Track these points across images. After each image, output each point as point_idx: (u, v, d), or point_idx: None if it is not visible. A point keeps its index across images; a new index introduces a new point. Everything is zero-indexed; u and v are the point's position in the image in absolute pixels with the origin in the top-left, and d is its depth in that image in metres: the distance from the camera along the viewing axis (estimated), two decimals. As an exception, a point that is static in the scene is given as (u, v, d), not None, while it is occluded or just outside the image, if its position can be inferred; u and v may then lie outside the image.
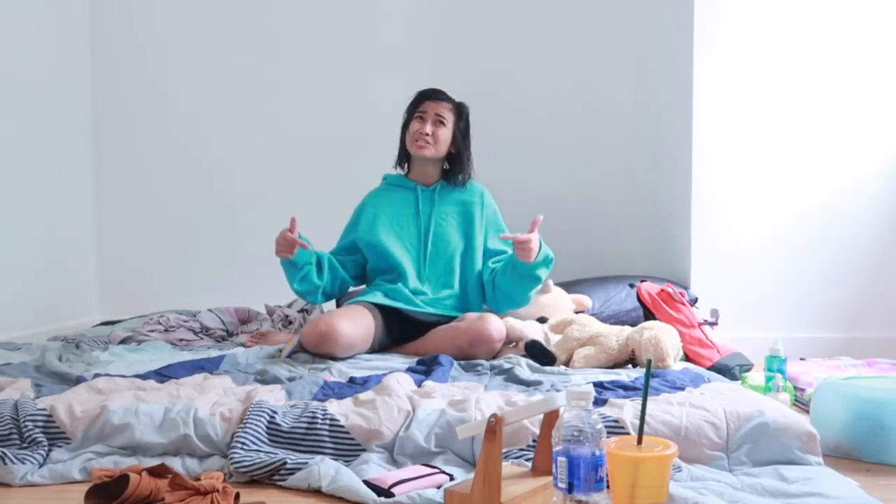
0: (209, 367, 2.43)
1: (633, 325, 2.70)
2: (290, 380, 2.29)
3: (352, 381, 2.27)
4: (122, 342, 2.93)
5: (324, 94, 3.88)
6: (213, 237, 3.95)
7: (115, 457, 1.84)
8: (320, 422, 1.88)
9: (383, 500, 1.60)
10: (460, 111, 2.93)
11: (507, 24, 3.81)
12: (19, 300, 3.34)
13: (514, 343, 2.70)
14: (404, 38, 3.87)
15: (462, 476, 1.70)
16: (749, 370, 2.72)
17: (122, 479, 1.57)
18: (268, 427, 1.87)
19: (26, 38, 3.45)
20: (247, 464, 1.76)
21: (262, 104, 3.92)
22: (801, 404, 2.46)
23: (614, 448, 1.44)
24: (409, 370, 2.39)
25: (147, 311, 3.47)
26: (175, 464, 1.79)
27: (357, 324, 2.65)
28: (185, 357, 2.62)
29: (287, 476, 1.74)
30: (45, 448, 1.86)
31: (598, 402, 1.95)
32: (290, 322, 3.20)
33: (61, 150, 3.74)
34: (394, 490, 1.62)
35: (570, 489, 1.40)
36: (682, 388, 2.11)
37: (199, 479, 1.61)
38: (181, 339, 3.00)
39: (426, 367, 2.42)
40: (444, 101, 2.92)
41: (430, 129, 2.85)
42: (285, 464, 1.75)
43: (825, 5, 3.23)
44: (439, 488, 1.64)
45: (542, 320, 2.84)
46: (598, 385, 2.15)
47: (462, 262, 2.89)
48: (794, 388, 2.53)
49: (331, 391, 2.13)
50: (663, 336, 2.49)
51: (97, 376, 2.25)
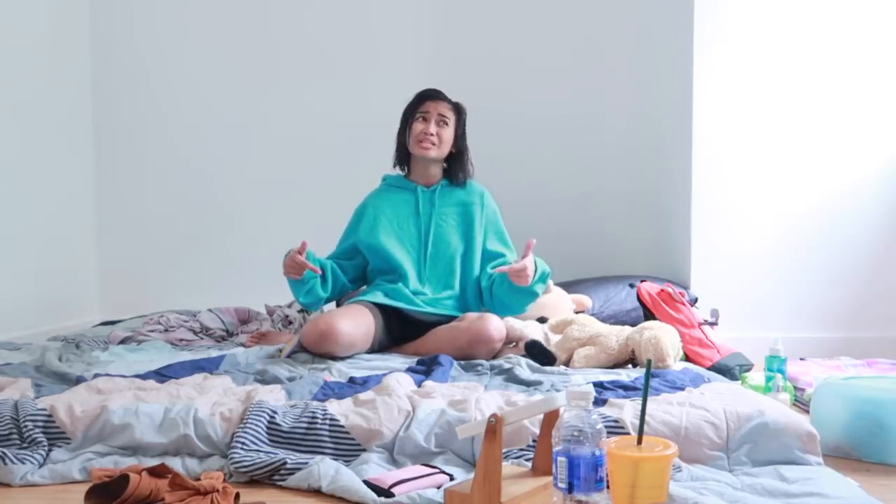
0: (209, 367, 2.43)
1: (633, 325, 2.70)
2: (290, 380, 2.29)
3: (352, 381, 2.27)
4: (122, 342, 2.93)
5: (322, 97, 3.88)
6: (213, 237, 3.95)
7: (115, 457, 1.84)
8: (320, 422, 1.88)
9: (383, 500, 1.60)
10: (459, 111, 2.93)
11: (506, 26, 3.81)
12: (19, 300, 3.34)
13: (514, 343, 2.70)
14: (402, 40, 3.87)
15: (462, 476, 1.70)
16: (749, 370, 2.72)
17: (122, 479, 1.57)
18: (268, 427, 1.87)
19: (28, 42, 3.45)
20: (247, 464, 1.76)
21: (261, 106, 3.92)
22: (801, 404, 2.46)
23: (614, 448, 1.44)
24: (409, 370, 2.39)
25: (147, 311, 3.47)
26: (175, 464, 1.79)
27: (357, 323, 2.65)
28: (185, 357, 2.62)
29: (287, 476, 1.74)
30: (45, 448, 1.86)
31: (598, 402, 1.95)
32: (290, 322, 3.20)
33: (62, 152, 3.74)
34: (394, 490, 1.62)
35: (570, 489, 1.40)
36: (682, 388, 2.11)
37: (199, 479, 1.61)
38: (181, 339, 3.00)
39: (426, 367, 2.42)
40: (445, 100, 2.92)
41: (434, 129, 2.85)
42: (285, 464, 1.75)
43: (825, 5, 3.24)
44: (439, 488, 1.64)
45: (542, 320, 2.84)
46: (598, 385, 2.14)
47: (462, 263, 2.89)
48: (794, 388, 2.53)
49: (331, 391, 2.13)
50: (663, 336, 2.49)
51: (97, 376, 2.25)
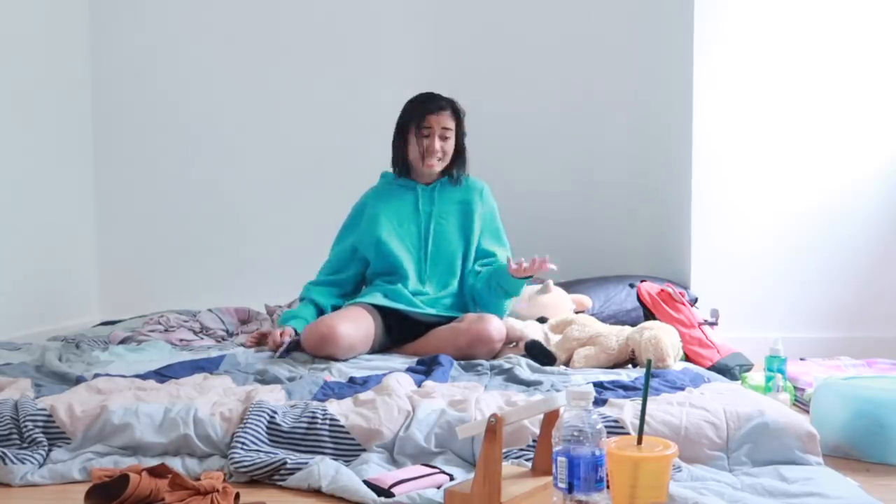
0: (209, 367, 2.43)
1: (633, 325, 2.70)
2: (290, 380, 2.29)
3: (352, 381, 2.27)
4: (122, 342, 2.92)
5: (323, 97, 3.88)
6: (213, 237, 3.95)
7: (115, 457, 1.84)
8: (320, 422, 1.88)
9: (383, 500, 1.60)
10: (459, 115, 2.88)
11: (505, 23, 3.81)
12: (19, 300, 3.34)
13: (514, 343, 2.70)
14: (402, 36, 3.87)
15: (462, 476, 1.70)
16: (749, 370, 2.72)
17: (122, 479, 1.57)
18: (268, 427, 1.87)
19: (27, 42, 3.45)
20: (247, 464, 1.76)
21: (261, 105, 3.92)
22: (801, 404, 2.46)
23: (614, 448, 1.44)
24: (409, 370, 2.39)
25: (147, 311, 3.46)
26: (175, 464, 1.79)
27: (357, 325, 2.65)
28: (185, 357, 2.62)
29: (287, 476, 1.74)
30: (45, 448, 1.86)
31: (598, 402, 1.95)
32: (290, 322, 3.20)
33: (62, 151, 3.74)
34: (394, 490, 1.62)
35: (570, 489, 1.40)
36: (682, 388, 2.11)
37: (199, 479, 1.61)
38: (181, 339, 2.99)
39: (426, 367, 2.42)
40: (445, 109, 2.86)
41: (438, 144, 2.82)
42: (285, 464, 1.75)
43: (825, 5, 3.23)
44: (439, 488, 1.64)
45: (542, 320, 2.84)
46: (598, 385, 2.14)
47: (463, 262, 2.89)
48: (794, 388, 2.53)
49: (331, 391, 2.13)
50: (663, 336, 2.49)
51: (97, 376, 2.25)
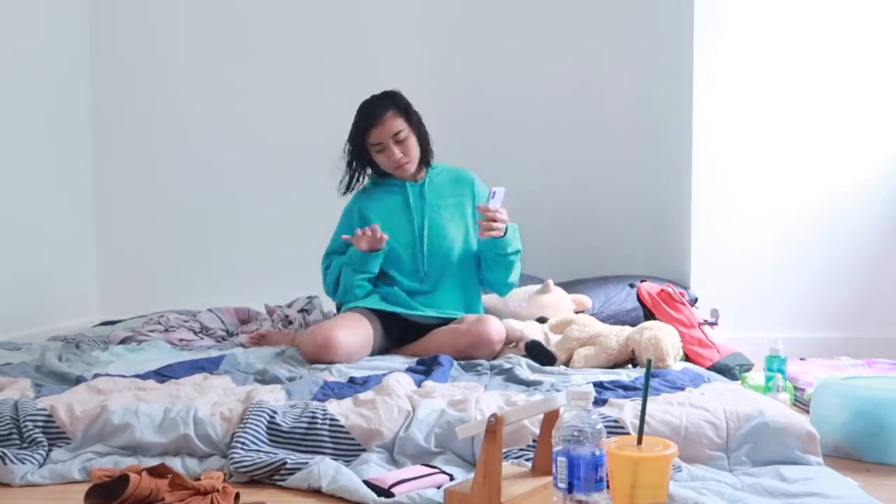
0: (209, 367, 2.43)
1: (633, 325, 2.70)
2: (290, 380, 2.29)
3: (352, 381, 2.27)
4: (122, 342, 2.93)
5: (323, 97, 3.88)
6: (213, 237, 3.95)
7: (115, 457, 1.84)
8: (320, 422, 1.88)
9: (383, 500, 1.60)
10: (407, 111, 2.79)
11: (506, 24, 3.81)
12: (19, 300, 3.34)
13: (514, 343, 2.70)
14: (403, 36, 3.87)
15: (462, 476, 1.70)
16: (749, 370, 2.72)
17: (122, 479, 1.57)
18: (268, 427, 1.87)
19: (27, 42, 3.45)
20: (247, 464, 1.76)
21: (261, 106, 3.92)
22: (801, 404, 2.46)
23: (614, 448, 1.44)
24: (409, 370, 2.39)
25: (147, 311, 3.47)
26: (175, 464, 1.79)
27: (355, 332, 2.63)
28: (185, 357, 2.62)
29: (287, 476, 1.74)
30: (45, 448, 1.86)
31: (598, 402, 1.95)
32: (290, 322, 3.20)
33: (61, 150, 3.74)
34: (394, 490, 1.62)
35: (570, 489, 1.40)
36: (682, 388, 2.10)
37: (199, 479, 1.61)
38: (181, 339, 2.99)
39: (426, 368, 2.42)
40: (383, 116, 2.75)
41: (398, 152, 2.76)
42: (285, 464, 1.75)
43: (825, 5, 3.23)
44: (439, 488, 1.64)
45: (541, 320, 2.84)
46: (598, 385, 2.14)
47: (461, 256, 2.86)
48: (794, 388, 2.53)
49: (331, 391, 2.13)
50: (663, 336, 2.49)
51: (97, 376, 2.25)
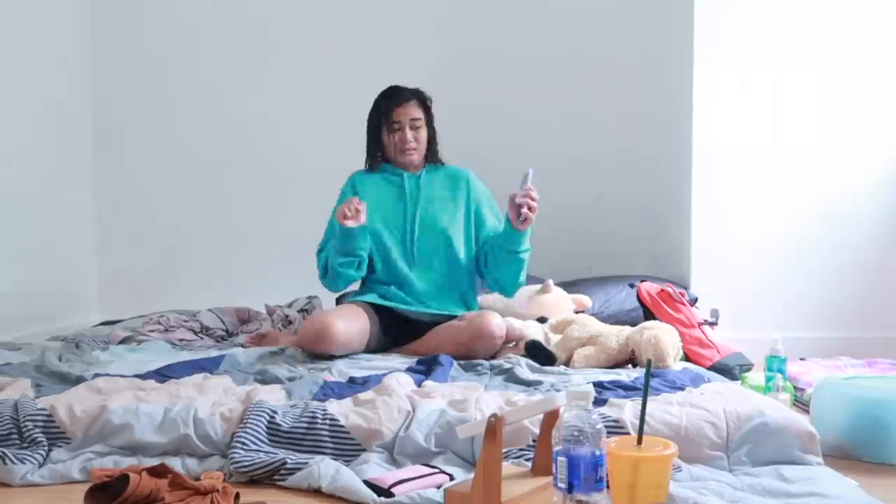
0: (209, 367, 2.43)
1: (633, 325, 2.70)
2: (290, 380, 2.29)
3: (351, 380, 2.27)
4: (122, 342, 2.93)
5: (324, 97, 3.88)
6: (213, 238, 3.94)
7: (115, 457, 1.84)
8: (320, 422, 1.88)
9: (383, 500, 1.60)
10: (426, 103, 2.90)
11: (506, 26, 3.81)
12: (19, 300, 3.34)
13: (515, 343, 2.70)
14: (403, 36, 3.87)
15: (462, 476, 1.71)
16: (749, 370, 2.72)
17: (122, 479, 1.57)
18: (268, 427, 1.87)
19: (28, 41, 3.45)
20: (247, 464, 1.76)
21: (261, 105, 3.92)
22: (801, 404, 2.46)
23: (614, 448, 1.44)
24: (409, 370, 2.39)
25: (147, 311, 3.46)
26: (175, 464, 1.79)
27: (352, 322, 2.65)
28: (186, 357, 2.62)
29: (287, 476, 1.74)
30: (45, 448, 1.86)
31: (598, 401, 1.95)
32: (290, 322, 3.19)
33: (61, 150, 3.74)
34: (394, 490, 1.62)
35: (570, 489, 1.40)
36: (682, 388, 2.10)
37: (199, 479, 1.61)
38: (181, 339, 2.99)
39: (426, 367, 2.42)
40: (410, 101, 2.87)
41: (410, 136, 2.84)
42: (285, 464, 1.75)
43: (826, 6, 3.23)
44: (439, 488, 1.64)
45: (542, 320, 2.84)
46: (598, 385, 2.14)
47: (453, 249, 2.85)
48: (794, 388, 2.53)
49: (331, 391, 2.13)
50: (663, 336, 2.49)
51: (97, 376, 2.25)
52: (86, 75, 3.90)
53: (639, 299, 3.11)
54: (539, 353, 2.56)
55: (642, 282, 3.17)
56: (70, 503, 1.65)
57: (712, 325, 2.91)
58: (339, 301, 3.17)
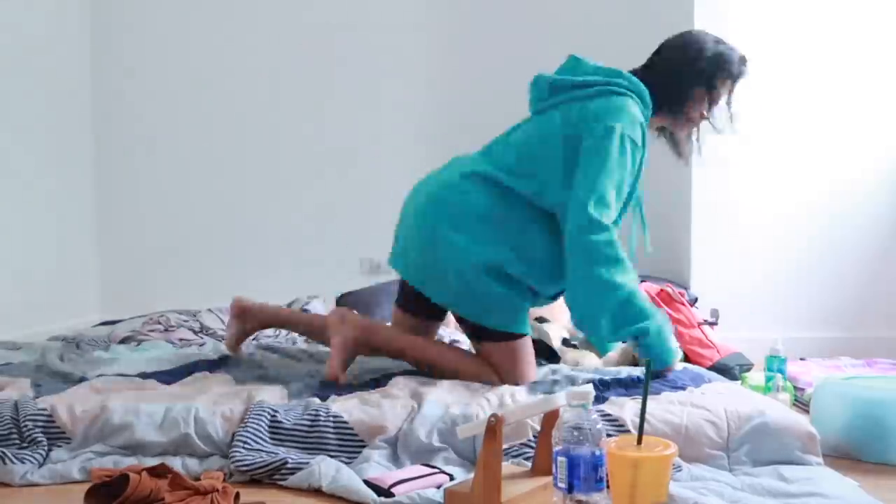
0: (210, 368, 2.41)
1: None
2: (292, 378, 2.27)
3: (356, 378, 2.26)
4: (122, 342, 2.92)
5: (324, 97, 3.88)
6: (213, 238, 3.94)
7: (115, 456, 1.84)
8: (323, 418, 1.88)
9: (383, 499, 1.60)
10: None
11: (506, 26, 3.81)
12: (20, 300, 3.34)
13: None
14: (405, 34, 3.87)
15: (462, 476, 1.70)
16: (749, 370, 2.72)
17: (122, 479, 1.57)
18: (270, 425, 1.87)
19: (28, 42, 3.45)
20: (247, 463, 1.76)
21: (262, 104, 3.92)
22: (801, 404, 2.46)
23: (614, 448, 1.44)
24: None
25: (147, 311, 3.46)
26: (175, 463, 1.79)
27: None
28: (186, 357, 2.59)
29: (288, 476, 1.74)
30: (45, 448, 1.86)
31: (599, 399, 1.95)
32: (290, 322, 3.18)
33: (61, 150, 3.73)
34: (394, 490, 1.62)
35: (570, 489, 1.40)
36: (682, 388, 2.10)
37: (199, 479, 1.61)
38: (181, 339, 2.99)
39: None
40: None
41: None
42: (286, 463, 1.75)
43: (826, 4, 3.24)
44: (439, 488, 1.64)
45: (540, 320, 2.83)
46: (599, 383, 2.14)
47: None
48: (794, 388, 2.53)
49: (333, 389, 2.12)
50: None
51: (100, 377, 2.24)
52: (86, 76, 3.90)
53: (639, 300, 3.09)
54: (543, 350, 2.55)
55: (642, 282, 3.16)
56: (70, 503, 1.65)
57: (712, 324, 2.91)
58: (340, 302, 3.16)
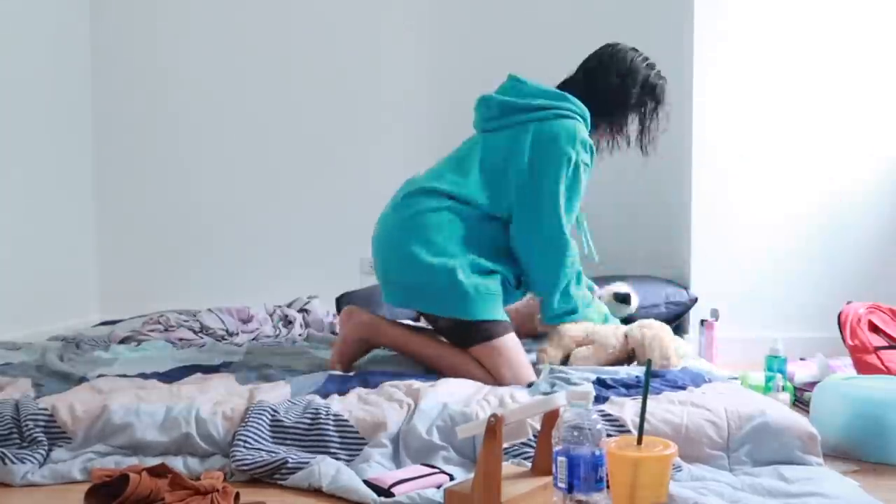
0: (213, 370, 2.39)
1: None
2: (294, 376, 2.26)
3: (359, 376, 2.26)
4: (122, 342, 2.92)
5: (324, 96, 3.88)
6: (213, 238, 3.94)
7: (115, 456, 1.84)
8: (324, 417, 1.88)
9: (383, 499, 1.60)
10: None
11: (506, 26, 3.81)
12: (19, 300, 3.34)
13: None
14: (403, 33, 3.86)
15: (462, 476, 1.71)
16: None
17: (122, 479, 1.57)
18: (271, 423, 1.87)
19: (28, 41, 3.45)
20: (248, 462, 1.76)
21: (262, 105, 3.92)
22: (801, 404, 2.46)
23: (614, 448, 1.44)
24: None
25: (147, 311, 3.46)
26: (176, 463, 1.79)
27: None
28: (187, 358, 2.59)
29: (288, 475, 1.74)
30: (46, 448, 1.85)
31: (599, 399, 1.95)
32: (290, 322, 3.20)
33: (61, 150, 3.73)
34: (393, 490, 1.62)
35: (570, 489, 1.40)
36: (683, 388, 2.10)
37: (199, 479, 1.61)
38: (181, 339, 2.99)
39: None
40: None
41: None
42: (286, 463, 1.75)
43: (826, 5, 3.23)
44: (439, 488, 1.64)
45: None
46: (599, 383, 2.14)
47: None
48: (794, 388, 2.53)
49: (334, 387, 2.12)
50: (666, 335, 2.43)
51: (101, 377, 2.24)
52: (86, 75, 3.90)
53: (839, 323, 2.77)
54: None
55: (848, 303, 2.81)
56: (70, 503, 1.65)
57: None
58: (340, 302, 3.16)
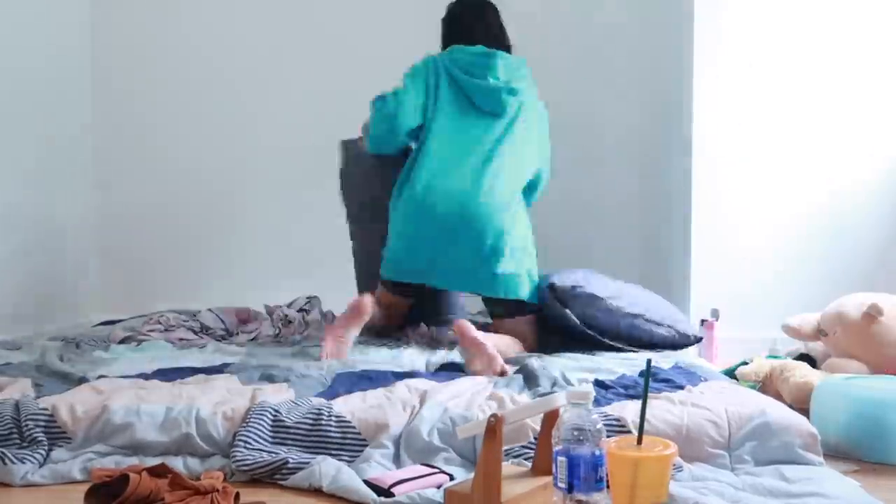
0: (213, 372, 2.39)
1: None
2: (297, 377, 2.26)
3: (363, 374, 2.27)
4: (122, 342, 2.92)
5: (324, 94, 3.88)
6: (213, 237, 3.95)
7: (116, 456, 1.84)
8: (326, 418, 1.87)
9: (383, 499, 1.60)
10: None
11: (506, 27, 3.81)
12: (19, 300, 3.34)
13: None
14: (403, 32, 3.85)
15: (462, 476, 1.70)
16: None
17: (122, 479, 1.57)
18: (272, 424, 1.87)
19: (28, 41, 3.45)
20: (249, 462, 1.76)
21: (262, 104, 3.92)
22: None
23: (614, 448, 1.44)
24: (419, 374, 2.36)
25: (147, 311, 3.46)
26: (177, 463, 1.79)
27: None
28: (188, 358, 2.59)
29: (288, 475, 1.74)
30: (46, 448, 1.85)
31: (600, 402, 1.95)
32: (290, 322, 3.19)
33: (61, 150, 3.73)
34: (394, 490, 1.62)
35: (570, 489, 1.40)
36: (682, 388, 2.10)
37: (199, 479, 1.61)
38: (181, 339, 2.99)
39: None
40: None
41: None
42: (287, 463, 1.75)
43: (827, 5, 3.23)
44: (439, 488, 1.64)
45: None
46: (599, 384, 2.14)
47: None
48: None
49: (337, 387, 2.12)
50: (814, 379, 2.30)
51: (101, 377, 2.24)
52: (86, 74, 3.90)
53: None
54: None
55: None
56: (70, 503, 1.65)
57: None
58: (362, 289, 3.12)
